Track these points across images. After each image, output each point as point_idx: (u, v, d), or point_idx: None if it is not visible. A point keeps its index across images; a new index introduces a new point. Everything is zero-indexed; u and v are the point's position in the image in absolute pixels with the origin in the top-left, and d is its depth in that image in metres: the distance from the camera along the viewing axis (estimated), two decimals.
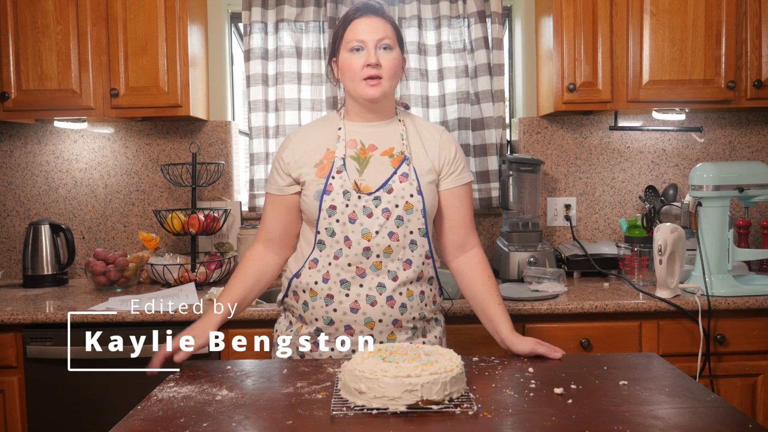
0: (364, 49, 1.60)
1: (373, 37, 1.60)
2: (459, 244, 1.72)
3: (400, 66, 1.67)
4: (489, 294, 1.68)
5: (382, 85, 1.61)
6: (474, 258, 1.72)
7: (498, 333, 1.65)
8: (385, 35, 1.61)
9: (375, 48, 1.60)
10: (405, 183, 1.61)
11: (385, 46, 1.61)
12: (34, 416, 2.17)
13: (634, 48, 2.43)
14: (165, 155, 2.80)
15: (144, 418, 1.21)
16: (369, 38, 1.60)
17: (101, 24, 2.45)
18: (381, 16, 1.63)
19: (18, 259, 2.81)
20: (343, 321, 1.59)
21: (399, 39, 1.67)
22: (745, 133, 2.81)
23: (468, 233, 1.73)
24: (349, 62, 1.61)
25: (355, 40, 1.61)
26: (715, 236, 2.23)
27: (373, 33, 1.60)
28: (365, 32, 1.60)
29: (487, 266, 1.72)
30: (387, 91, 1.63)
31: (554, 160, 2.81)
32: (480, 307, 1.69)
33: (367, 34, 1.60)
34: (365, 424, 1.16)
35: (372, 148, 1.66)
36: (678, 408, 1.23)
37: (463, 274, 1.72)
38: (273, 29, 2.72)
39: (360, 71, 1.60)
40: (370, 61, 1.59)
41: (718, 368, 2.17)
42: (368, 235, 1.58)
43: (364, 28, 1.61)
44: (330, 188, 1.60)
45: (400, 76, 1.69)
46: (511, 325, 1.64)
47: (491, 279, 1.71)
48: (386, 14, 1.65)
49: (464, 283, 1.72)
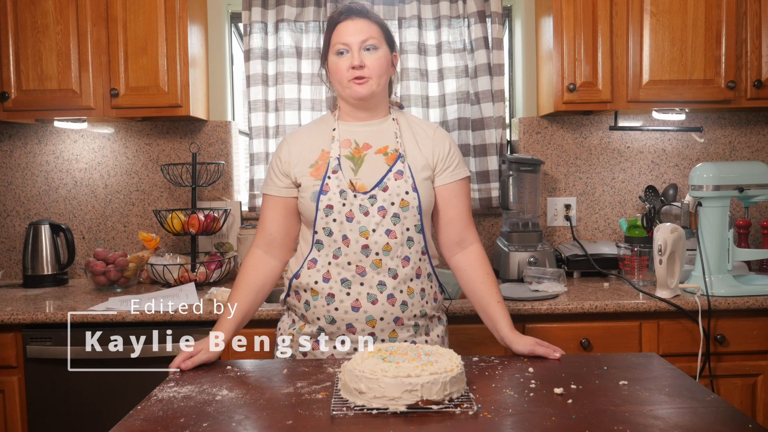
0: (349, 51, 1.62)
1: (357, 39, 1.62)
2: (457, 240, 1.72)
3: (389, 64, 1.68)
4: (488, 291, 1.68)
5: (370, 83, 1.62)
6: (473, 254, 1.72)
7: (497, 331, 1.65)
8: (368, 36, 1.63)
9: (359, 49, 1.62)
10: (400, 180, 1.61)
11: (369, 46, 1.62)
12: (34, 416, 2.17)
13: (634, 48, 2.43)
14: (165, 155, 2.80)
15: (144, 418, 1.21)
16: (353, 40, 1.62)
17: (101, 24, 2.45)
18: (364, 17, 1.65)
19: (18, 259, 2.81)
20: (345, 320, 1.60)
21: (387, 36, 1.68)
22: (745, 133, 2.81)
23: (465, 229, 1.72)
24: (336, 65, 1.64)
25: (339, 43, 1.63)
26: (715, 236, 2.23)
27: (356, 35, 1.62)
28: (349, 35, 1.62)
29: (486, 262, 1.72)
30: (375, 89, 1.64)
31: (554, 160, 2.81)
32: (479, 305, 1.69)
33: (350, 37, 1.62)
34: (365, 424, 1.16)
35: (366, 146, 1.66)
36: (678, 408, 1.23)
37: (461, 270, 1.72)
38: (273, 29, 2.72)
39: (346, 73, 1.63)
40: (354, 63, 1.61)
41: (718, 368, 2.17)
42: (366, 233, 1.58)
43: (348, 31, 1.63)
44: (326, 188, 1.60)
45: (391, 74, 1.71)
46: (511, 323, 1.64)
47: (490, 276, 1.70)
48: (369, 14, 1.66)
49: (463, 280, 1.72)
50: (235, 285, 1.70)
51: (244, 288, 1.68)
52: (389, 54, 1.68)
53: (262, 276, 1.69)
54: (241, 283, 1.69)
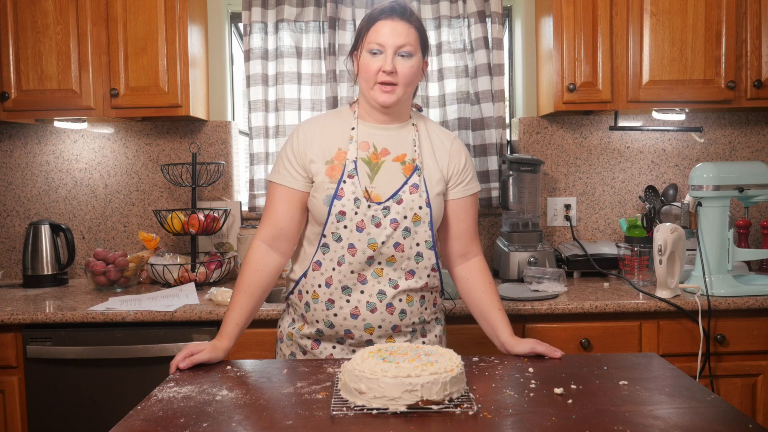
0: (383, 53, 1.56)
1: (394, 42, 1.56)
2: (462, 253, 1.71)
3: (419, 72, 1.63)
4: (489, 300, 1.68)
5: (396, 92, 1.57)
6: (476, 266, 1.71)
7: (498, 337, 1.64)
8: (406, 41, 1.57)
9: (394, 54, 1.56)
10: (415, 194, 1.59)
11: (405, 53, 1.57)
12: (34, 416, 2.17)
13: (634, 48, 2.43)
14: (165, 155, 2.80)
15: (144, 418, 1.21)
16: (389, 42, 1.56)
17: (101, 24, 2.45)
18: (406, 20, 1.58)
19: (18, 259, 2.81)
20: (343, 326, 1.59)
21: (423, 44, 1.62)
22: (745, 133, 2.81)
23: (471, 242, 1.72)
24: (366, 64, 1.58)
25: (375, 43, 1.57)
26: (715, 236, 2.23)
27: (394, 38, 1.56)
28: (386, 36, 1.56)
29: (488, 273, 1.72)
30: (401, 97, 1.59)
31: (554, 160, 2.81)
32: (480, 312, 1.69)
33: (387, 38, 1.56)
34: (365, 424, 1.16)
35: (384, 152, 1.62)
36: (678, 408, 1.23)
37: (464, 280, 1.72)
38: (273, 29, 2.72)
39: (375, 75, 1.57)
40: (386, 68, 1.55)
41: (718, 368, 2.17)
42: (374, 245, 1.56)
43: (386, 32, 1.56)
44: (341, 193, 1.56)
45: (419, 81, 1.65)
46: (511, 329, 1.63)
47: (492, 285, 1.70)
48: (411, 17, 1.60)
49: (465, 289, 1.72)
50: (237, 287, 1.63)
51: (246, 290, 1.61)
52: (422, 61, 1.63)
53: (266, 276, 1.63)
54: (243, 284, 1.62)
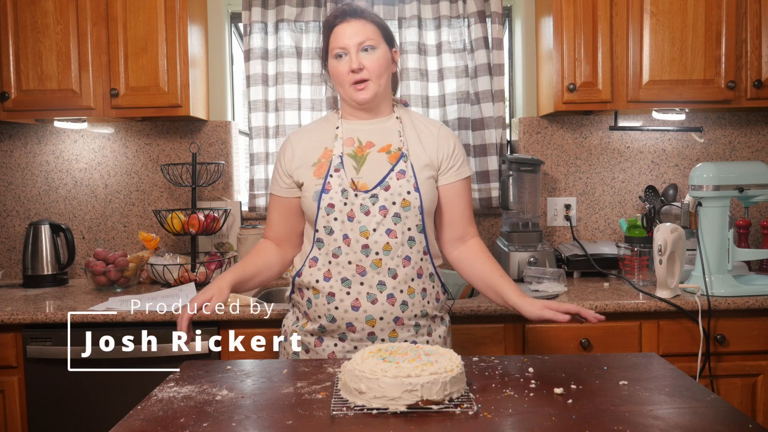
0: (347, 54, 1.62)
1: (354, 41, 1.61)
2: (458, 237, 1.74)
3: (389, 62, 1.67)
4: (490, 268, 1.69)
5: (370, 87, 1.63)
6: (474, 246, 1.74)
7: (506, 300, 1.64)
8: (365, 37, 1.62)
9: (357, 51, 1.61)
10: (402, 180, 1.61)
11: (367, 47, 1.62)
12: (34, 416, 2.17)
13: (634, 48, 2.43)
14: (165, 155, 2.80)
15: (144, 418, 1.21)
16: (350, 43, 1.61)
17: (101, 24, 2.45)
18: (359, 17, 1.64)
19: (18, 259, 2.81)
20: (345, 319, 1.60)
21: (384, 34, 1.67)
22: (745, 133, 2.81)
23: (467, 226, 1.74)
24: (335, 69, 1.65)
25: (337, 47, 1.63)
26: (715, 236, 2.23)
27: (353, 37, 1.62)
28: (346, 37, 1.62)
29: (486, 250, 1.74)
30: (377, 91, 1.64)
31: (554, 160, 2.81)
32: (484, 283, 1.69)
33: (347, 39, 1.62)
34: (365, 424, 1.16)
35: (369, 145, 1.66)
36: (678, 408, 1.23)
37: (462, 260, 1.73)
38: (273, 29, 2.73)
39: (346, 77, 1.63)
40: (353, 66, 1.61)
41: (718, 368, 2.17)
42: (366, 232, 1.59)
43: (345, 33, 1.62)
44: (328, 187, 1.61)
45: (392, 71, 1.70)
46: (519, 289, 1.64)
47: (491, 258, 1.72)
48: (365, 13, 1.65)
49: (465, 266, 1.73)
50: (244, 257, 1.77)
51: (254, 257, 1.74)
52: (388, 52, 1.67)
53: (272, 255, 1.75)
54: (251, 254, 1.76)
